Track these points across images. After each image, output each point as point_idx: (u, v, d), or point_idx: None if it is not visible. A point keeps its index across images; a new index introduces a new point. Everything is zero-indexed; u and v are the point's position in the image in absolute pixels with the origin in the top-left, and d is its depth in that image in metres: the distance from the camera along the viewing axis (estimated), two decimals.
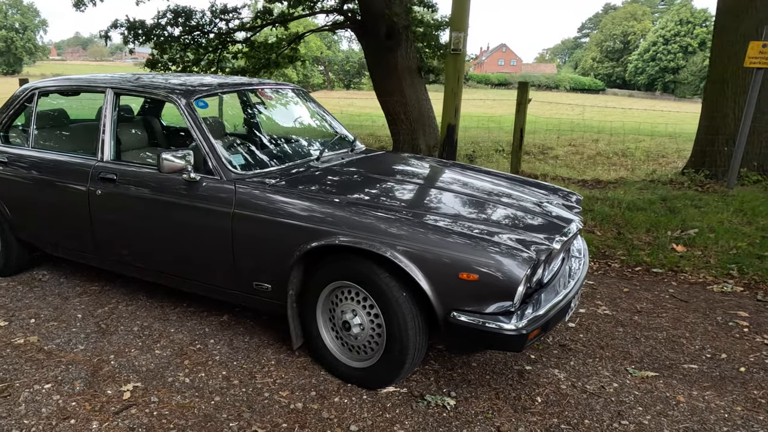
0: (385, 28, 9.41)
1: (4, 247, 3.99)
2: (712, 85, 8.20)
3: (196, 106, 3.26)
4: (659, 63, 70.19)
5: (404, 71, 9.74)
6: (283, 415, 2.67)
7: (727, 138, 7.78)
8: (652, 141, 12.25)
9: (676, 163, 9.88)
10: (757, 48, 6.69)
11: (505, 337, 2.49)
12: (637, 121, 15.72)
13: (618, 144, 11.85)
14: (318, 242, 2.75)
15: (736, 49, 7.73)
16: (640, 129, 14.36)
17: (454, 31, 6.44)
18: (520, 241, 2.63)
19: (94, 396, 2.76)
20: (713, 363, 3.27)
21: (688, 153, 11.12)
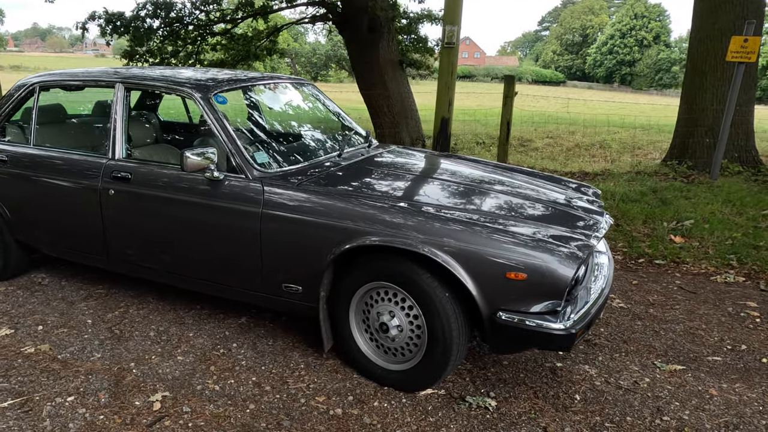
0: (367, 21, 9.25)
1: (3, 249, 3.74)
2: (690, 78, 8.30)
3: (215, 102, 3.09)
4: (616, 56, 71.54)
5: (386, 64, 9.60)
6: (323, 422, 2.55)
7: (706, 130, 7.89)
8: (625, 133, 12.39)
9: (652, 155, 10.01)
10: (739, 43, 6.79)
11: (555, 336, 2.42)
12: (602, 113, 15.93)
13: (594, 136, 11.95)
14: (356, 242, 2.62)
15: (714, 43, 7.84)
16: (611, 121, 14.54)
17: (448, 24, 6.34)
18: (564, 239, 2.56)
19: (122, 408, 2.59)
20: (735, 355, 3.27)
21: (662, 144, 11.31)
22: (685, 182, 6.97)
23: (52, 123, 3.79)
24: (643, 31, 70.24)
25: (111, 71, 3.47)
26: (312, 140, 3.52)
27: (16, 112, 3.68)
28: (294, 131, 3.51)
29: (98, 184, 3.21)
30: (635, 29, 70.46)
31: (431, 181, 3.19)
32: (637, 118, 15.35)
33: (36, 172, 3.42)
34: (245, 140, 3.22)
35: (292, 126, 3.55)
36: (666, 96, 53.19)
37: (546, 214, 2.87)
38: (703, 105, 7.94)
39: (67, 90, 3.69)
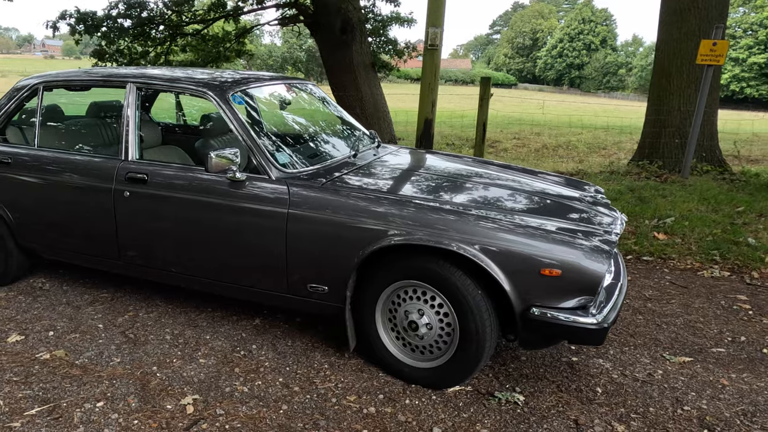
0: (340, 23, 9.23)
1: (4, 255, 3.58)
2: (657, 80, 8.56)
3: (234, 102, 3.03)
4: (566, 59, 73.36)
5: (359, 66, 9.59)
6: (359, 420, 2.54)
7: (673, 131, 8.17)
8: (588, 134, 12.71)
9: (617, 155, 10.31)
10: (708, 46, 7.05)
11: (588, 331, 2.47)
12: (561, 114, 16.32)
13: (559, 137, 12.23)
14: (388, 242, 2.62)
15: (680, 46, 8.12)
16: (572, 122, 14.92)
17: (431, 26, 6.38)
18: (592, 236, 2.62)
19: (155, 412, 2.52)
20: (737, 346, 3.39)
21: (625, 145, 11.67)
22: (658, 181, 7.20)
23: (53, 124, 3.65)
24: (590, 35, 72.22)
25: (121, 71, 3.37)
26: (325, 140, 3.49)
27: (18, 113, 3.52)
28: (307, 131, 3.48)
29: (112, 185, 3.11)
30: (583, 33, 72.39)
31: (450, 180, 3.21)
32: (595, 120, 15.78)
33: (43, 175, 3.29)
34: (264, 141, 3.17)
35: (305, 126, 3.51)
36: (614, 98, 54.81)
37: (567, 211, 2.92)
38: (670, 106, 8.21)
39: (71, 90, 3.56)
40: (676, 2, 8.15)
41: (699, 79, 7.94)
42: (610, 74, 69.50)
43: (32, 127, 3.50)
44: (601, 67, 69.82)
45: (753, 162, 9.67)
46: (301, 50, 44.12)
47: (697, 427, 2.59)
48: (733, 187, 6.92)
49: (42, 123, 3.42)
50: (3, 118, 3.49)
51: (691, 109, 7.96)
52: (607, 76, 69.56)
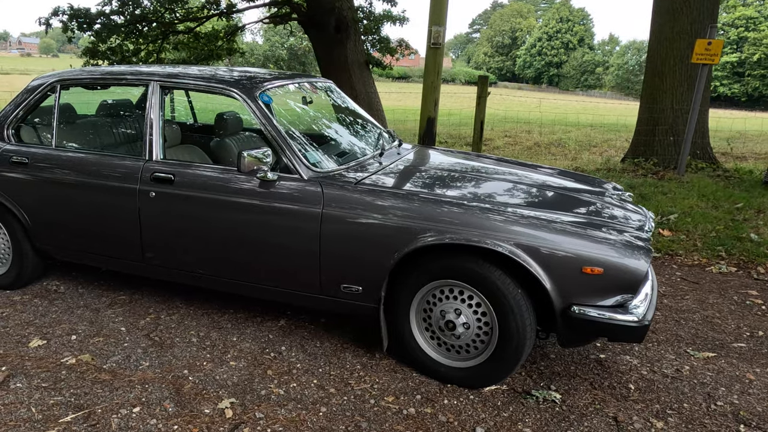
0: (334, 21, 9.15)
1: (19, 258, 3.46)
2: (650, 79, 8.63)
3: (262, 101, 2.97)
4: (544, 58, 73.95)
5: (354, 65, 9.52)
6: (400, 422, 2.50)
7: (666, 128, 8.25)
8: (578, 131, 12.79)
9: (609, 152, 10.38)
10: (703, 45, 7.11)
11: (629, 328, 2.46)
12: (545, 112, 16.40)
13: (549, 135, 12.29)
14: (427, 241, 2.58)
15: (673, 45, 8.19)
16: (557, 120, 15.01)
17: (434, 25, 6.35)
18: (631, 234, 2.61)
19: (194, 416, 2.45)
20: (756, 341, 3.42)
21: (615, 142, 11.76)
22: (655, 178, 7.26)
23: (70, 123, 3.55)
24: (568, 34, 72.92)
25: (143, 69, 3.27)
26: (349, 139, 3.43)
27: (34, 111, 3.41)
28: (331, 130, 3.42)
29: (136, 186, 3.02)
30: (561, 32, 73.06)
31: (481, 178, 3.18)
32: (579, 117, 15.89)
33: (62, 175, 3.19)
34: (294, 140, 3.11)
35: (329, 125, 3.45)
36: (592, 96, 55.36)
37: (602, 209, 2.91)
38: (663, 105, 8.28)
39: (90, 89, 3.45)
40: (669, 2, 8.22)
41: (691, 78, 8.04)
42: (587, 73, 70.23)
43: (48, 127, 3.39)
44: (578, 65, 70.55)
45: (740, 159, 9.81)
46: (282, 48, 43.76)
47: (732, 422, 2.60)
48: (728, 183, 7.01)
49: (59, 122, 3.31)
50: (19, 118, 3.38)
51: (683, 107, 8.05)
52: (585, 75, 70.29)
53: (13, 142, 3.37)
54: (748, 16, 49.99)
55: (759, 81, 50.69)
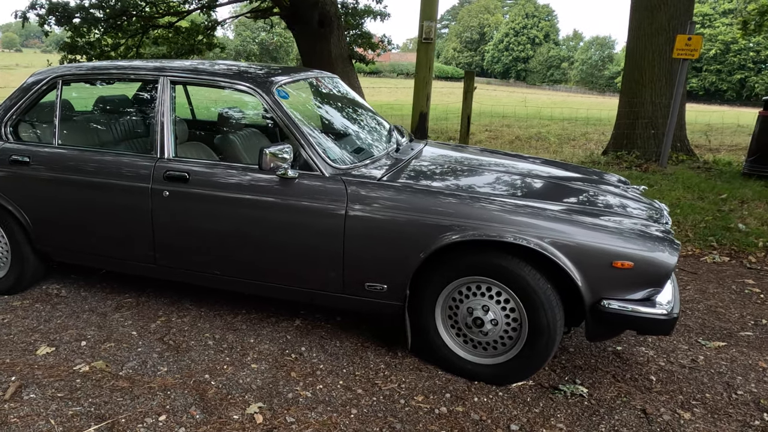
0: (317, 15, 9.03)
1: (19, 261, 3.28)
2: (629, 73, 8.74)
3: (279, 96, 2.86)
4: (512, 53, 74.63)
5: (338, 59, 9.42)
6: (434, 421, 2.44)
7: (647, 122, 8.36)
8: (555, 125, 12.90)
9: (588, 145, 10.49)
10: (683, 41, 7.21)
11: (658, 321, 2.45)
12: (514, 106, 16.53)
13: (529, 128, 12.36)
14: (455, 238, 2.52)
15: (651, 41, 8.30)
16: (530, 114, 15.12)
17: (426, 20, 6.30)
18: (657, 228, 2.59)
19: (224, 423, 2.35)
20: (761, 329, 3.46)
21: (593, 136, 11.89)
22: (639, 171, 7.34)
23: (71, 120, 3.37)
24: (534, 29, 73.73)
25: (150, 64, 3.12)
26: (363, 135, 3.34)
27: (33, 108, 3.22)
28: (345, 126, 3.32)
29: (148, 185, 2.89)
30: (527, 28, 73.82)
31: (501, 173, 3.12)
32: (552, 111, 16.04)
33: (68, 174, 3.02)
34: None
35: (342, 121, 3.35)
36: (558, 91, 56.11)
37: (624, 204, 2.90)
38: (642, 98, 8.39)
39: (91, 84, 3.28)
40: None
41: (669, 72, 8.16)
42: (553, 68, 71.14)
43: (48, 124, 3.21)
44: (545, 60, 71.42)
45: (713, 151, 10.01)
46: (254, 43, 43.17)
47: (755, 411, 2.61)
48: (710, 175, 7.13)
49: (61, 119, 3.14)
50: (17, 115, 3.19)
51: (662, 101, 8.16)
52: (551, 70, 71.19)
53: (12, 141, 3.19)
54: (704, 13, 51.22)
55: (715, 76, 52.08)
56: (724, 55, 51.10)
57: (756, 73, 51.42)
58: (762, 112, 6.88)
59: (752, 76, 51.21)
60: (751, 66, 51.11)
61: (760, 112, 6.93)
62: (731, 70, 51.64)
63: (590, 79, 64.89)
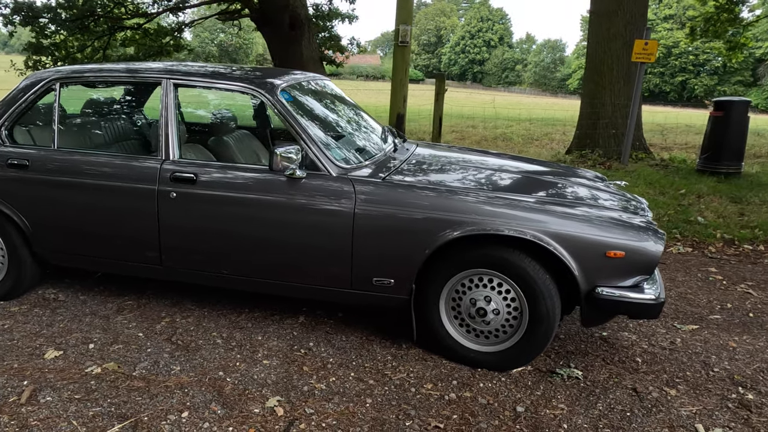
0: (288, 18, 9.05)
1: (16, 266, 3.24)
2: (590, 76, 9.09)
3: (283, 98, 2.93)
4: (468, 55, 75.80)
5: (309, 61, 9.46)
6: (445, 407, 2.56)
7: (607, 122, 8.71)
8: (518, 126, 13.24)
9: (550, 145, 10.83)
10: (641, 45, 7.56)
11: (648, 306, 2.64)
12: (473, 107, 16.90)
13: (494, 129, 12.66)
14: (460, 233, 2.65)
15: (610, 45, 8.66)
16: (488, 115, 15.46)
17: (402, 23, 6.43)
18: (643, 219, 2.78)
19: (246, 417, 2.41)
20: (727, 312, 3.72)
21: (555, 136, 12.27)
22: (603, 168, 7.66)
23: (68, 122, 3.35)
24: (489, 32, 75.08)
25: (152, 66, 3.13)
26: (361, 136, 3.42)
27: (29, 110, 3.19)
28: (342, 127, 3.41)
29: (155, 186, 2.91)
30: (482, 31, 75.12)
31: (496, 171, 3.26)
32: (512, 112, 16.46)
33: (70, 177, 3.01)
34: None
35: (339, 122, 3.43)
36: (513, 93, 57.25)
37: (611, 198, 3.08)
38: (602, 100, 8.74)
39: (90, 87, 3.27)
40: (604, 5, 8.68)
41: (627, 75, 8.53)
42: (508, 70, 72.55)
43: (45, 126, 3.19)
44: (500, 63, 72.78)
45: (665, 149, 10.49)
46: (212, 44, 42.54)
47: (731, 385, 2.83)
48: (668, 172, 7.50)
49: (60, 122, 3.12)
50: (13, 117, 3.15)
51: (621, 102, 8.52)
52: (506, 72, 72.58)
53: (8, 144, 3.15)
54: (647, 18, 53.18)
55: (659, 78, 54.14)
56: (666, 59, 53.17)
57: (695, 75, 53.72)
58: (713, 113, 7.29)
59: (692, 78, 53.49)
60: (691, 69, 53.40)
61: (711, 113, 7.33)
62: (673, 72, 53.82)
63: (543, 80, 66.52)
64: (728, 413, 2.59)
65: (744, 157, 7.28)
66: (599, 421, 2.50)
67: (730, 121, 7.07)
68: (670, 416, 2.56)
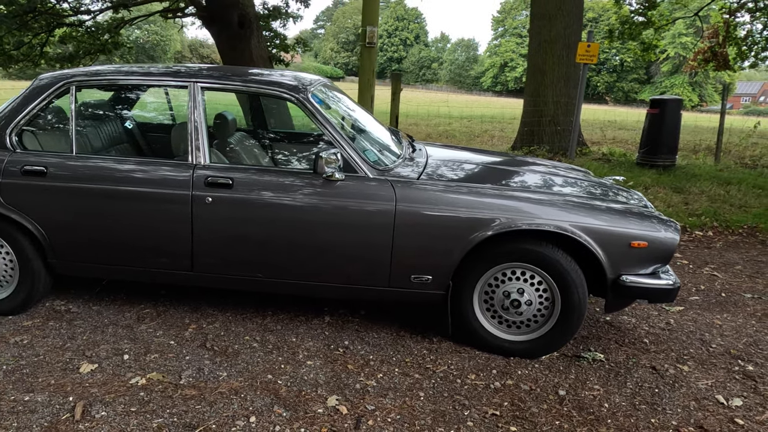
0: (237, 17, 8.84)
1: (29, 278, 3.02)
2: (532, 76, 9.51)
3: (315, 101, 2.92)
4: (386, 54, 76.36)
5: (259, 60, 9.27)
6: (493, 395, 2.67)
7: (550, 119, 9.15)
8: (457, 123, 13.59)
9: (492, 141, 11.22)
10: (584, 47, 7.99)
11: (668, 290, 2.87)
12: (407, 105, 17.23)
13: (436, 127, 12.93)
14: (497, 228, 2.77)
15: (551, 47, 9.10)
16: (419, 112, 15.78)
17: (368, 25, 6.46)
18: (653, 211, 3.01)
19: (313, 417, 2.41)
20: (703, 294, 4.07)
21: (493, 132, 12.69)
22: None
23: (83, 127, 3.15)
24: (405, 31, 76.03)
25: (174, 69, 3.01)
26: (380, 139, 3.45)
27: (41, 114, 2.98)
28: (362, 130, 3.42)
29: (188, 192, 2.82)
30: (399, 30, 75.95)
31: (515, 169, 3.41)
32: (441, 110, 16.86)
33: (94, 184, 2.85)
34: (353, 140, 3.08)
35: (360, 125, 3.43)
36: (431, 90, 58.35)
37: (618, 193, 3.29)
38: (545, 98, 9.17)
39: (106, 90, 3.10)
40: (544, 8, 9.10)
41: (567, 75, 8.99)
42: (425, 68, 73.83)
43: (58, 131, 3.00)
44: (417, 61, 73.90)
45: (597, 144, 11.14)
46: (128, 41, 40.50)
47: (731, 359, 3.12)
48: (612, 165, 7.99)
49: (79, 127, 2.95)
50: (23, 122, 2.93)
51: (562, 100, 8.98)
52: (423, 70, 73.83)
53: (19, 150, 2.94)
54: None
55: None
56: None
57: (597, 73, 56.95)
58: (649, 110, 7.84)
59: (594, 76, 56.66)
60: (593, 67, 56.55)
61: (648, 111, 7.88)
62: None
63: (458, 78, 68.25)
64: (738, 384, 2.87)
65: (678, 150, 7.88)
66: (634, 399, 2.69)
67: (665, 118, 7.63)
68: (691, 390, 2.79)
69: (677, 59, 50.94)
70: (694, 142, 12.01)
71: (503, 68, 63.41)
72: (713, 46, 10.67)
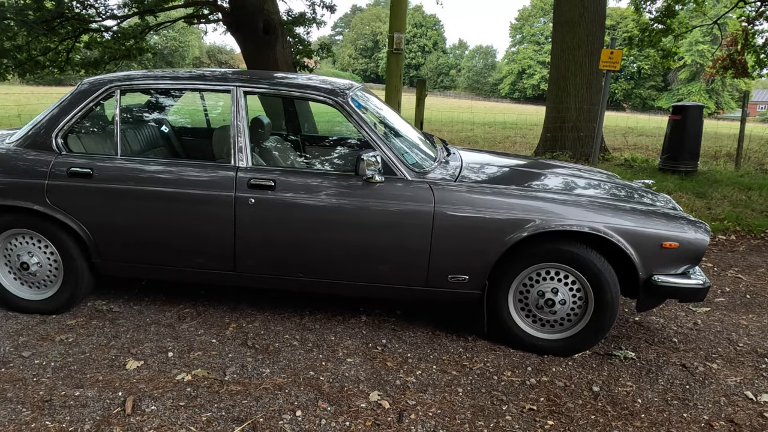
0: (262, 23, 9.01)
1: (72, 277, 3.14)
2: (554, 82, 9.56)
3: (354, 105, 3.02)
4: (405, 60, 76.72)
5: (284, 66, 9.42)
6: (530, 391, 2.73)
7: (572, 125, 9.20)
8: (479, 129, 13.66)
9: (514, 147, 11.27)
10: (607, 54, 8.02)
11: (697, 290, 2.92)
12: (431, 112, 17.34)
13: (458, 133, 13.01)
14: (533, 229, 2.84)
15: (574, 53, 9.16)
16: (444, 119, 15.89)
17: (396, 31, 6.58)
18: (685, 215, 3.07)
19: (357, 411, 2.49)
20: (728, 296, 4.10)
21: (515, 138, 12.74)
22: None
23: (126, 130, 3.28)
24: (423, 38, 76.36)
25: (219, 74, 3.14)
26: (415, 142, 3.52)
27: (86, 117, 3.11)
28: (402, 133, 3.51)
29: (232, 193, 2.93)
30: (417, 36, 76.30)
31: (546, 173, 3.49)
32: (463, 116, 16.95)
33: (139, 186, 2.97)
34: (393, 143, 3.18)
35: (396, 129, 3.52)
36: (449, 97, 58.48)
37: (647, 194, 3.35)
38: (567, 105, 9.22)
39: (152, 94, 3.22)
40: (567, 15, 9.17)
41: (589, 82, 9.03)
42: (443, 74, 74.06)
43: (103, 133, 3.12)
44: (435, 68, 74.18)
45: (618, 150, 11.15)
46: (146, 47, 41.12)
47: (758, 357, 3.16)
48: (635, 171, 8.02)
49: (122, 130, 3.07)
50: (69, 125, 3.06)
51: (585, 106, 9.02)
52: (441, 76, 74.07)
53: (65, 152, 3.07)
54: None
55: None
56: None
57: (615, 80, 56.76)
58: (671, 117, 7.86)
59: (613, 83, 56.46)
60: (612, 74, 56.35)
61: (670, 117, 7.90)
62: None
63: (476, 85, 68.38)
64: (765, 381, 2.91)
65: (699, 156, 7.90)
66: (666, 395, 2.75)
67: (687, 124, 7.65)
68: (721, 386, 2.84)
69: (694, 66, 50.72)
70: (714, 148, 11.98)
71: (521, 75, 63.49)
72: (732, 54, 10.67)
